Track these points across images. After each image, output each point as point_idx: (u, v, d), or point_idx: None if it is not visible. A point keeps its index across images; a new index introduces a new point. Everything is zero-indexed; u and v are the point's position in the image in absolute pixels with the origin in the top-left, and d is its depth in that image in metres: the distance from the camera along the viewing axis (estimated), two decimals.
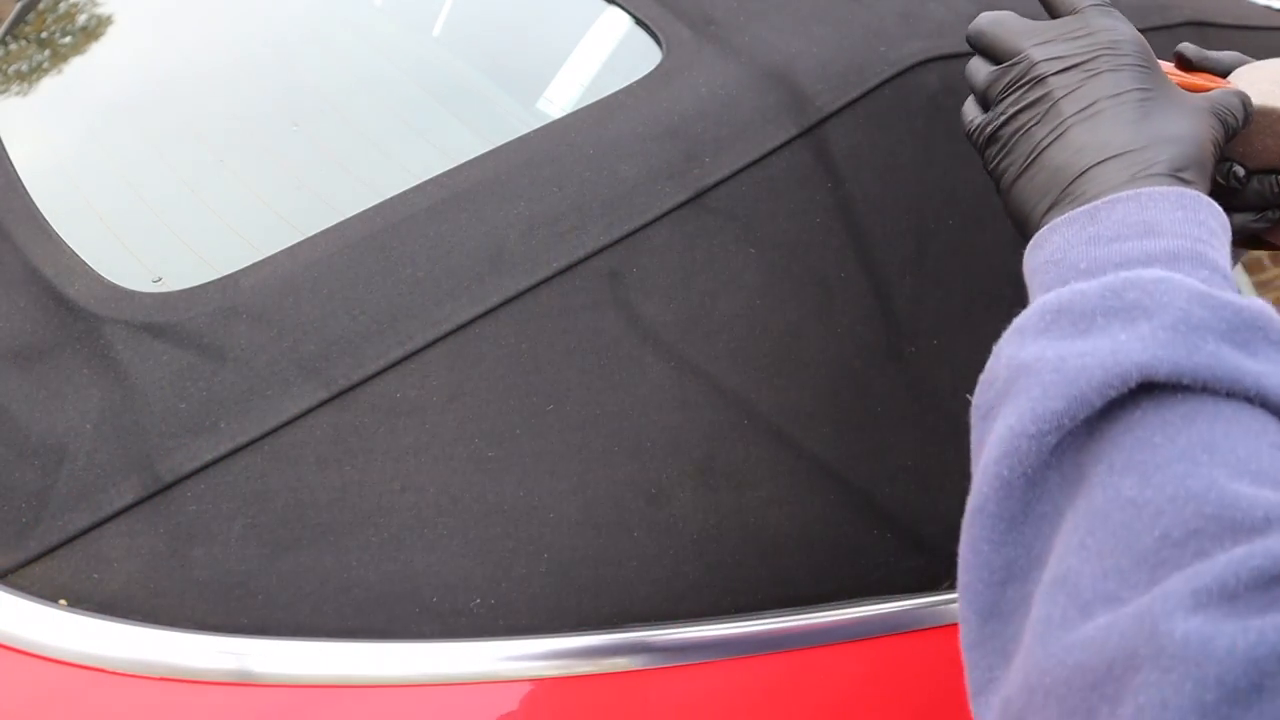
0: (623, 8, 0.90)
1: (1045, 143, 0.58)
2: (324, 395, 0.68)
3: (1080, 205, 0.54)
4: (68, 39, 1.13)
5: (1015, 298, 0.87)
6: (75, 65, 1.08)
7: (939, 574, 0.83)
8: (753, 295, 0.77)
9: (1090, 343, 0.46)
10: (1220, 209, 0.54)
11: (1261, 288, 2.21)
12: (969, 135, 0.63)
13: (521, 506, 0.69)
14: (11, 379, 0.71)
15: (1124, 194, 0.53)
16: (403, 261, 0.72)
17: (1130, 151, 0.55)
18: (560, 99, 0.86)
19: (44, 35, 1.16)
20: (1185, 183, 0.55)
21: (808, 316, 0.78)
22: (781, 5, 0.88)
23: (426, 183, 0.76)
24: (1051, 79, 0.59)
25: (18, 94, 1.07)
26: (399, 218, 0.74)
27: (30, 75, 1.09)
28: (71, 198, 0.87)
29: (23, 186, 0.86)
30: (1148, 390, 0.45)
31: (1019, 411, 0.46)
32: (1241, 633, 0.37)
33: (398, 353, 0.70)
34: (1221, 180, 0.65)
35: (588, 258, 0.74)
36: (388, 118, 0.90)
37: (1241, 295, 0.48)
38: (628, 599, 0.70)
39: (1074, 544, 0.44)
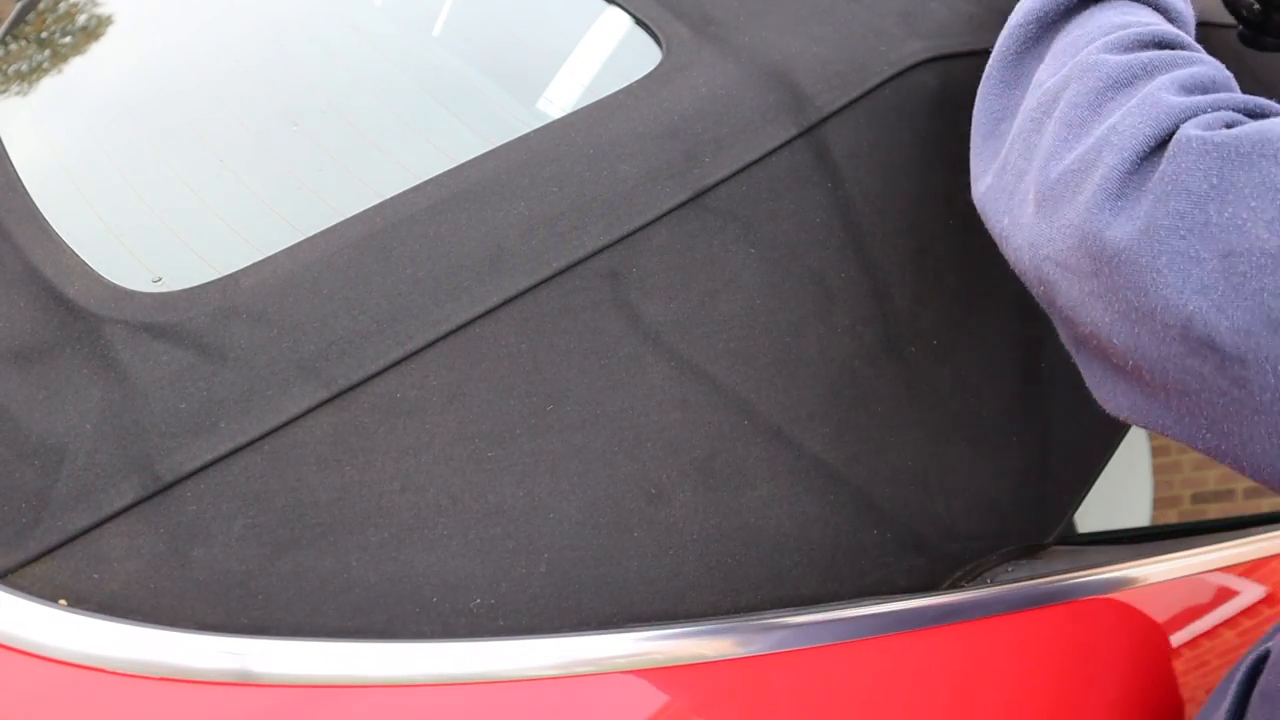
0: (623, 8, 0.90)
1: None
2: (324, 395, 0.68)
3: None
4: (68, 39, 1.13)
5: (1015, 297, 0.88)
6: (75, 65, 1.08)
7: (939, 574, 0.83)
8: (753, 295, 0.77)
9: None
10: None
11: None
12: None
13: (521, 506, 0.69)
14: (11, 379, 0.71)
15: None
16: (403, 261, 0.72)
17: None
18: (560, 99, 0.86)
19: (44, 35, 1.16)
20: None
21: (808, 316, 0.78)
22: (781, 5, 0.88)
23: (426, 183, 0.76)
24: None
25: (18, 94, 1.07)
26: (399, 218, 0.74)
27: (30, 75, 1.09)
28: (71, 198, 0.87)
29: (23, 186, 0.86)
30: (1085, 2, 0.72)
31: (1015, 15, 0.74)
32: (1125, 58, 0.64)
33: (398, 353, 0.70)
34: (1245, 13, 0.87)
35: (588, 258, 0.74)
36: (388, 118, 0.90)
37: None
38: (628, 599, 0.70)
39: (1041, 72, 0.70)
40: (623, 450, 0.72)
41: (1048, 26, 0.72)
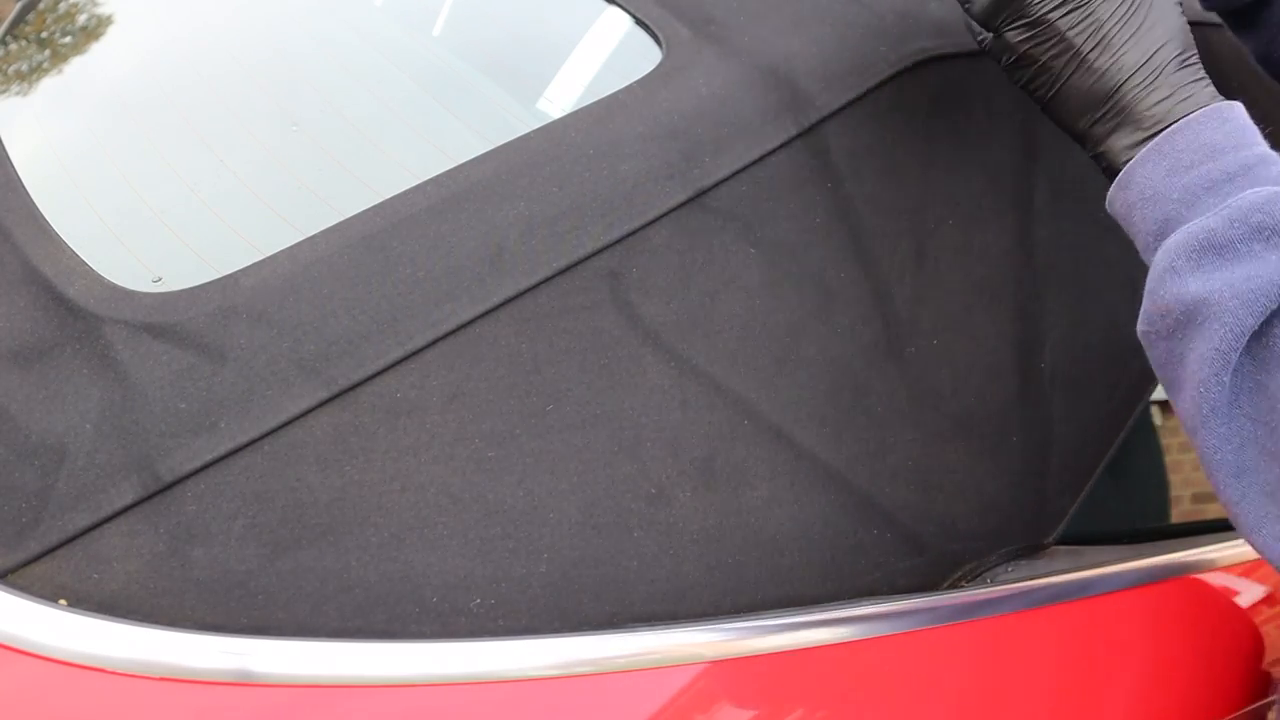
0: (623, 8, 0.90)
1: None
2: (324, 395, 0.68)
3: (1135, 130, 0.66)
4: (68, 39, 1.13)
5: (1016, 297, 0.88)
6: (75, 65, 1.08)
7: (939, 574, 0.83)
8: (753, 295, 0.77)
9: (1246, 268, 0.58)
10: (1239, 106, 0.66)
11: None
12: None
13: (521, 506, 0.69)
14: (11, 379, 0.71)
15: (1179, 123, 0.64)
16: (403, 261, 0.72)
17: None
18: (560, 99, 0.86)
19: (44, 35, 1.16)
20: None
21: (808, 316, 0.78)
22: (782, 5, 0.88)
23: (426, 183, 0.76)
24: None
25: (18, 94, 1.07)
26: (399, 218, 0.74)
27: (30, 75, 1.09)
28: (71, 198, 0.87)
29: (23, 186, 0.86)
30: None
31: (1218, 333, 0.59)
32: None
33: (398, 353, 0.70)
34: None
35: (588, 258, 0.74)
36: (388, 118, 0.90)
37: None
38: (628, 599, 0.70)
39: None
40: (623, 450, 0.72)
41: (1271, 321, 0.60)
